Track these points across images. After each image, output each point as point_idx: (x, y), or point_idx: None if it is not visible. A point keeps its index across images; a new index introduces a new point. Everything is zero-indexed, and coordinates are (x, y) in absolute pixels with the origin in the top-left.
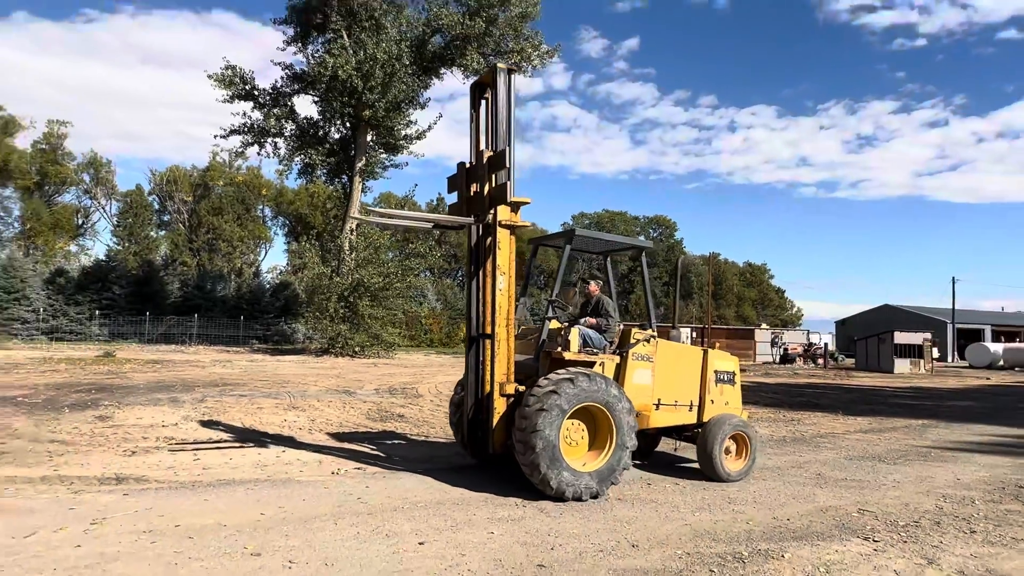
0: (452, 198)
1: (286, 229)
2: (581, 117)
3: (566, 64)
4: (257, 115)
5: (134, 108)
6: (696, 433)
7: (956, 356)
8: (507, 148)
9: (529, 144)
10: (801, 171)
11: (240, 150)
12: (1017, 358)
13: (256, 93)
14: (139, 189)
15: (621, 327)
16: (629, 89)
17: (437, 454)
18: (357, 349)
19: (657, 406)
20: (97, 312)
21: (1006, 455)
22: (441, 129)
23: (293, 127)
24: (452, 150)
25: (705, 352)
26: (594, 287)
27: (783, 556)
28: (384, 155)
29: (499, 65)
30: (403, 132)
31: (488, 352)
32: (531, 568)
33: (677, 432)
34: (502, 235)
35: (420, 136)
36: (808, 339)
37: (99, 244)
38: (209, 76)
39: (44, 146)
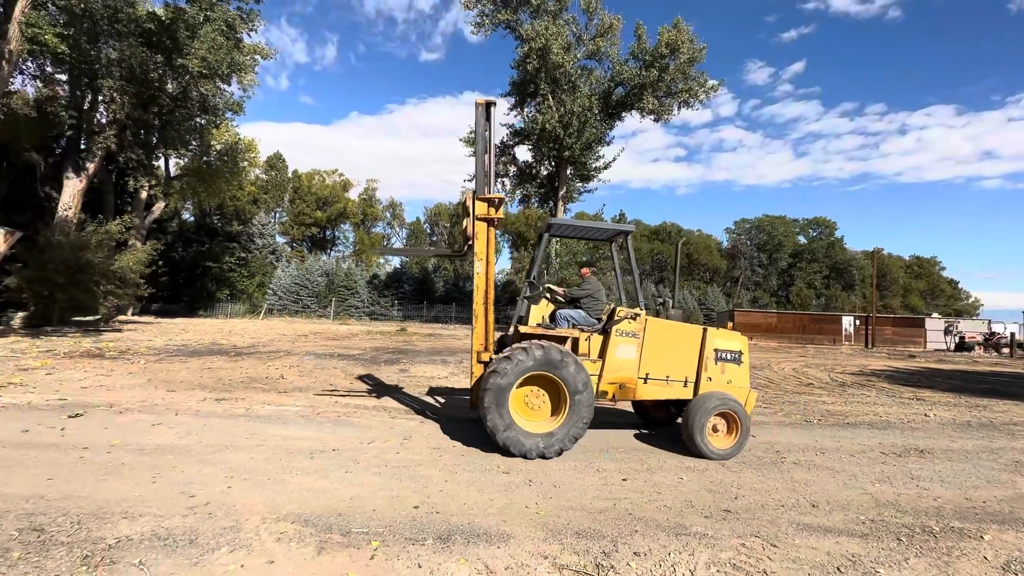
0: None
1: (510, 242)
2: (746, 138)
3: (733, 94)
4: None
5: (416, 166)
6: None
7: None
8: (487, 158)
9: (699, 164)
10: (983, 165)
11: None
12: None
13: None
14: (418, 221)
15: (611, 306)
16: (793, 108)
17: (631, 410)
18: None
19: (645, 380)
20: (396, 301)
21: None
22: (624, 160)
23: (515, 169)
24: (633, 174)
25: (704, 330)
26: (585, 271)
27: (982, 537)
28: (580, 184)
29: (477, 101)
30: (594, 165)
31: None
32: (718, 512)
33: (675, 406)
34: (479, 227)
35: (607, 167)
36: (990, 328)
37: (393, 259)
38: (460, 139)
39: (364, 196)
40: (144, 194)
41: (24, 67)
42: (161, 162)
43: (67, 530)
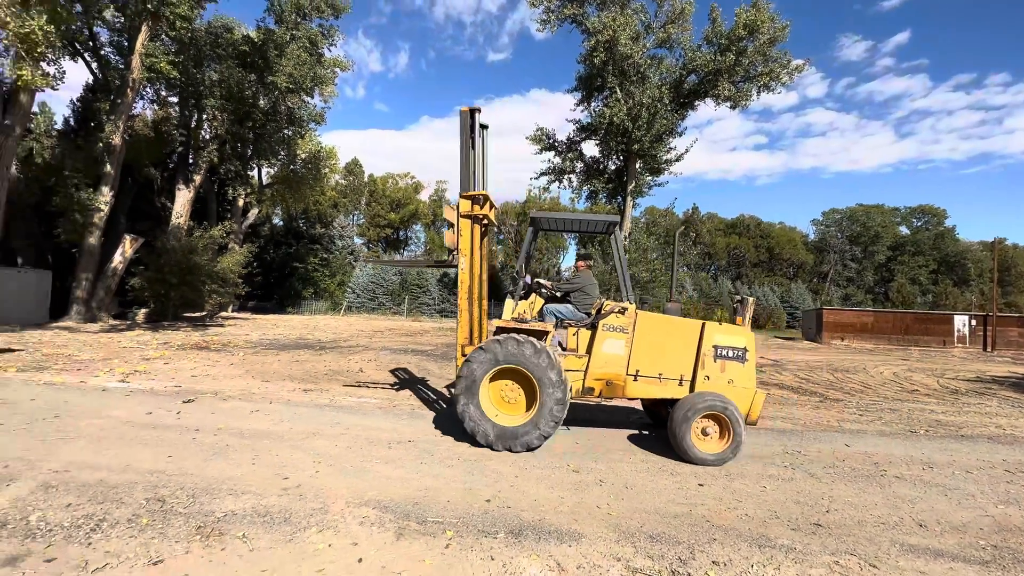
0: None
1: (576, 239)
2: (838, 120)
3: (823, 73)
4: (557, 160)
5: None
6: None
7: None
8: (472, 161)
9: (783, 151)
10: None
11: (546, 186)
12: None
13: (556, 144)
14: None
15: (601, 300)
16: (895, 85)
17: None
18: None
19: (635, 377)
20: None
21: None
22: (697, 150)
23: (581, 165)
24: (708, 165)
25: (703, 325)
26: (580, 264)
27: None
28: (649, 177)
29: (461, 109)
30: (664, 158)
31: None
32: (807, 525)
33: (672, 405)
34: (463, 224)
35: (679, 159)
36: None
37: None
38: (526, 137)
39: (435, 197)
40: (241, 202)
41: (144, 92)
42: (255, 172)
43: (184, 502)
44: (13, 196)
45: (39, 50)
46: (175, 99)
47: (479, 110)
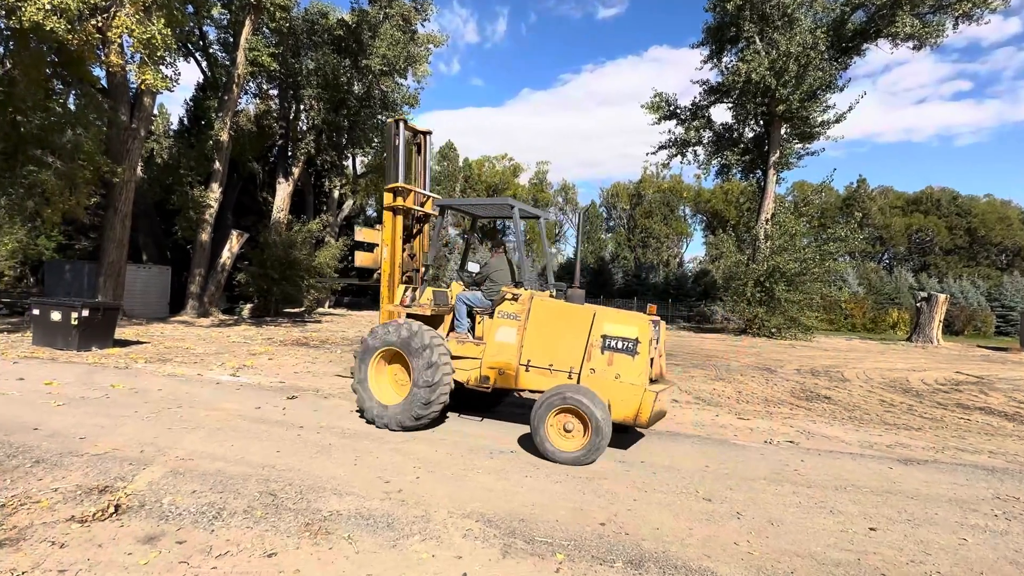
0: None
1: (703, 224)
2: None
3: None
4: (679, 130)
5: (591, 141)
6: None
7: None
8: (399, 161)
9: (996, 99)
10: None
11: (665, 162)
12: None
13: (678, 111)
14: (593, 204)
15: (506, 287)
16: None
17: (876, 441)
18: (773, 331)
19: (527, 367)
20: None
21: None
22: (867, 107)
23: (710, 135)
24: (883, 124)
25: (594, 314)
26: (492, 253)
27: None
28: (799, 145)
29: (387, 120)
30: (819, 119)
31: None
32: None
33: None
34: (386, 216)
35: (839, 119)
36: None
37: (568, 246)
38: (642, 105)
39: (535, 181)
40: (336, 194)
41: (247, 87)
42: (349, 162)
43: (293, 498)
44: (137, 196)
45: (159, 54)
46: (275, 91)
47: (405, 120)
